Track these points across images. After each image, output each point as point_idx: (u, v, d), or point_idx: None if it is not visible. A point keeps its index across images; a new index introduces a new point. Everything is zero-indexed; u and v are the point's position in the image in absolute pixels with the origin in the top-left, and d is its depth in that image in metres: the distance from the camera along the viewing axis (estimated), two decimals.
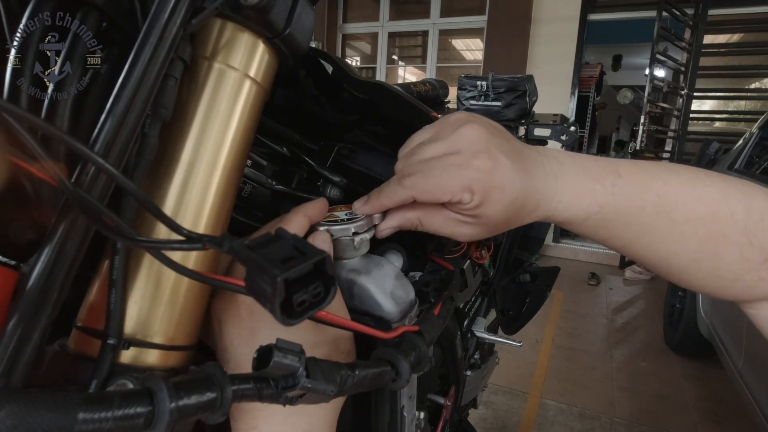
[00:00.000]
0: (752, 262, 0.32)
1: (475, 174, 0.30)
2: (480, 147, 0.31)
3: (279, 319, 0.20)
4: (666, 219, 0.32)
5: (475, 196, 0.31)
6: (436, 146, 0.32)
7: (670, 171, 0.34)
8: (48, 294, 0.21)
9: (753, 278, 0.33)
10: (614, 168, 0.33)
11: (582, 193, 0.33)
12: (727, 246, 0.32)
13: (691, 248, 0.33)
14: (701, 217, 0.32)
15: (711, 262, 0.33)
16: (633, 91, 6.61)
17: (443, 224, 0.34)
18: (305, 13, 0.32)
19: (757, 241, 0.32)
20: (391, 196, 0.34)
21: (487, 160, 0.30)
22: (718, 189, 0.33)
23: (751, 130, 2.59)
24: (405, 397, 0.40)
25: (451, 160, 0.31)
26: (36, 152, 0.20)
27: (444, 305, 0.39)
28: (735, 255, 0.32)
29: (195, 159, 0.28)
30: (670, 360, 2.49)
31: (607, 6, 4.02)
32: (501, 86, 1.41)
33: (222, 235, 0.23)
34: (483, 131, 0.32)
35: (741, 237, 0.32)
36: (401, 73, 5.75)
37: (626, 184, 0.33)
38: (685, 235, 0.32)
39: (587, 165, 0.34)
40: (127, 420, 0.17)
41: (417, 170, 0.32)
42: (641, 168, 0.33)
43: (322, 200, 0.36)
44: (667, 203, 0.32)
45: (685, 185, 0.33)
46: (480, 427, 1.88)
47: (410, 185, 0.32)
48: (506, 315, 1.05)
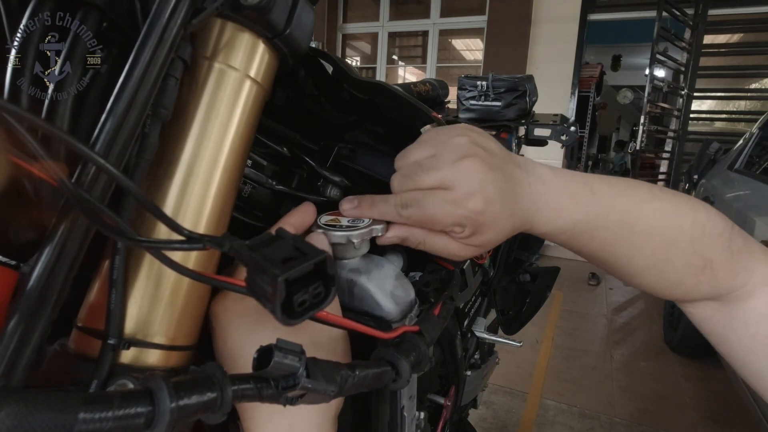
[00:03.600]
0: (694, 268, 0.37)
1: (467, 213, 0.32)
2: (475, 187, 0.32)
3: (279, 319, 0.20)
4: (627, 231, 0.37)
5: (466, 230, 0.33)
6: (433, 176, 0.33)
7: (633, 187, 0.38)
8: (48, 294, 0.21)
9: (693, 282, 0.38)
10: (588, 186, 0.37)
11: (559, 211, 0.36)
12: (676, 253, 0.37)
13: (646, 255, 0.37)
14: (656, 228, 0.36)
15: (662, 266, 0.37)
16: (633, 91, 6.62)
17: (444, 247, 0.36)
18: (305, 13, 0.32)
19: (700, 250, 0.36)
20: (383, 214, 0.35)
21: (480, 201, 0.32)
22: (671, 204, 0.37)
23: (751, 130, 2.59)
24: (405, 397, 0.40)
25: (446, 197, 0.32)
26: (36, 152, 0.20)
27: (444, 305, 0.39)
28: (681, 261, 0.37)
29: (195, 159, 0.28)
30: (670, 360, 2.49)
31: (607, 6, 4.02)
32: (501, 86, 1.40)
33: (222, 235, 0.23)
34: (481, 169, 0.32)
35: (688, 246, 0.36)
36: (401, 73, 5.75)
37: (597, 202, 0.36)
38: (642, 244, 0.37)
39: (567, 182, 0.37)
40: (127, 420, 0.17)
41: (413, 201, 0.34)
42: (609, 185, 0.37)
43: (307, 205, 0.36)
44: (629, 218, 0.36)
45: (644, 201, 0.37)
46: (480, 427, 1.88)
47: (406, 216, 0.34)
48: (506, 315, 1.05)
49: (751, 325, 0.37)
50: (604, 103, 6.48)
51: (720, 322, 0.39)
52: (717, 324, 0.40)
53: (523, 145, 1.38)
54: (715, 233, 0.37)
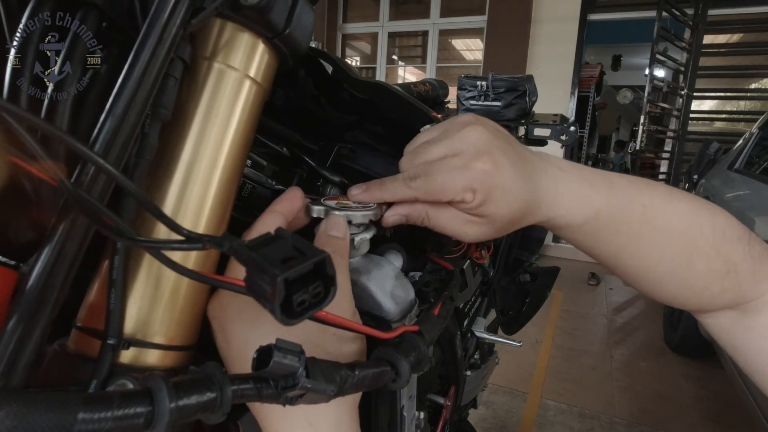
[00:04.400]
0: (718, 273, 0.35)
1: (477, 175, 0.31)
2: (482, 148, 0.32)
3: (279, 319, 0.20)
4: (650, 228, 0.35)
5: (477, 195, 0.32)
6: (439, 147, 0.33)
7: (650, 185, 0.36)
8: (48, 294, 0.21)
9: (718, 288, 0.35)
10: (608, 178, 0.36)
11: (581, 199, 0.34)
12: (699, 257, 0.35)
13: (669, 257, 0.35)
14: (677, 228, 0.35)
15: (685, 272, 0.36)
16: (633, 91, 6.62)
17: (449, 221, 0.34)
18: (305, 13, 0.32)
19: (723, 253, 0.35)
20: (394, 192, 0.34)
21: (488, 161, 0.31)
22: (689, 204, 0.36)
23: (751, 130, 2.59)
24: (405, 397, 0.40)
25: (454, 162, 0.32)
26: (36, 152, 0.20)
27: (444, 305, 0.39)
28: (704, 266, 0.35)
29: (195, 159, 0.28)
30: (670, 360, 2.49)
31: (607, 6, 4.02)
32: (501, 86, 1.40)
33: (222, 235, 0.23)
34: (486, 133, 0.32)
35: (710, 249, 0.35)
36: (401, 73, 5.75)
37: (618, 193, 0.35)
38: (664, 245, 0.35)
39: (585, 173, 0.36)
40: (126, 420, 0.17)
41: (421, 172, 0.33)
42: (628, 180, 0.36)
43: (294, 190, 0.34)
44: (651, 213, 0.35)
45: (663, 200, 0.36)
46: (480, 427, 1.88)
47: (414, 187, 0.33)
48: (506, 315, 1.05)
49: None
50: (604, 103, 6.48)
51: (738, 333, 0.38)
52: (735, 335, 0.38)
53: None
54: (734, 238, 0.35)
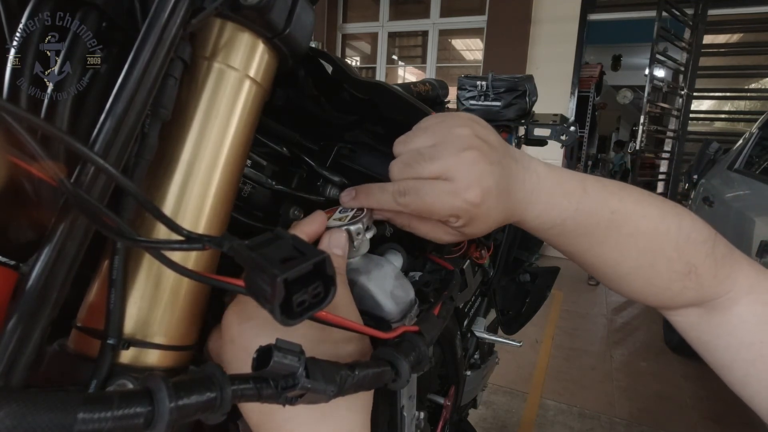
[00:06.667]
0: (678, 274, 0.37)
1: (465, 205, 0.33)
2: (475, 179, 0.32)
3: (278, 319, 0.20)
4: (616, 232, 0.37)
5: (460, 220, 0.34)
6: (433, 166, 0.33)
7: (624, 189, 0.38)
8: (48, 294, 0.21)
9: (678, 287, 0.38)
10: (582, 184, 0.37)
11: (550, 206, 0.36)
12: (661, 258, 0.37)
13: (632, 257, 0.38)
14: (644, 231, 0.37)
15: (647, 271, 0.38)
16: (633, 91, 6.62)
17: (429, 230, 0.37)
18: (305, 13, 0.32)
19: (684, 256, 0.37)
20: (381, 203, 0.36)
21: (478, 194, 0.32)
22: (659, 208, 0.38)
23: (751, 130, 2.59)
24: (405, 397, 0.40)
25: (446, 188, 0.33)
26: (36, 152, 0.20)
27: (444, 305, 0.39)
28: (666, 266, 0.37)
29: (195, 159, 0.28)
30: (670, 360, 2.49)
31: (607, 6, 4.02)
32: (501, 86, 1.40)
33: (222, 235, 0.23)
34: (482, 162, 0.33)
35: (673, 252, 0.37)
36: (401, 73, 5.74)
37: (588, 200, 0.37)
38: (628, 247, 0.37)
39: (561, 179, 0.37)
40: (126, 420, 0.17)
41: (411, 189, 0.34)
42: (603, 185, 0.38)
43: (319, 214, 0.36)
44: (619, 218, 0.37)
45: (634, 203, 0.38)
46: (480, 427, 1.88)
47: (403, 203, 0.34)
48: (506, 315, 1.05)
49: (735, 333, 0.38)
50: (604, 103, 6.48)
51: (705, 330, 0.40)
52: (702, 331, 0.40)
53: (522, 145, 1.38)
54: (699, 240, 0.37)
